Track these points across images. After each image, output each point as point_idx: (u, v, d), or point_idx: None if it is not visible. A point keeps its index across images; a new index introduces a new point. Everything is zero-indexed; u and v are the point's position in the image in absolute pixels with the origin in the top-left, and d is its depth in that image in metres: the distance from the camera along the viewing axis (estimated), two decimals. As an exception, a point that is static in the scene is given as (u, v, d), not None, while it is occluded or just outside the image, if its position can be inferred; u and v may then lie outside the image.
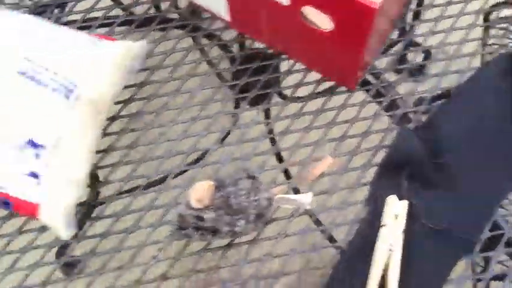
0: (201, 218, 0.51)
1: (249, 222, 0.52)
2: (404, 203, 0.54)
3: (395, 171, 0.57)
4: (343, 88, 0.65)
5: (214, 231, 0.51)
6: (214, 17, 0.69)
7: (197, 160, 0.67)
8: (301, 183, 0.58)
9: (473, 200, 0.56)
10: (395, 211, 0.54)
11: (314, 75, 0.65)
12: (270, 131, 0.79)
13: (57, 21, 0.69)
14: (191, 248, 0.55)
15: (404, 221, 0.54)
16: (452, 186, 0.56)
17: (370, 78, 0.67)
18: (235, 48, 0.70)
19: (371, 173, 0.59)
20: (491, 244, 0.56)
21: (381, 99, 0.65)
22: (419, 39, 0.69)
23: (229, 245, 0.55)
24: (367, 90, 0.66)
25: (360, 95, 0.65)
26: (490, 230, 0.55)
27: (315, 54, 0.64)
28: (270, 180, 0.58)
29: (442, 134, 0.58)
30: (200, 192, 0.52)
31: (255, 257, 0.55)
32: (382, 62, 0.68)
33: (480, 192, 0.56)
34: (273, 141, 0.70)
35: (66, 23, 0.69)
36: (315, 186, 0.58)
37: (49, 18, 0.68)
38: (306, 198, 0.55)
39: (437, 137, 0.59)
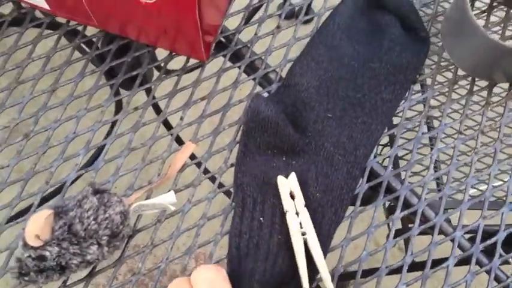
0: (42, 258, 0.43)
1: (102, 246, 0.44)
2: (293, 177, 0.49)
3: (257, 148, 0.51)
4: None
5: (62, 268, 0.44)
6: (35, 8, 0.58)
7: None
8: (164, 181, 0.51)
9: (344, 152, 0.51)
10: (288, 190, 0.48)
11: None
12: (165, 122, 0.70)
13: None
14: (47, 289, 0.47)
15: (302, 196, 0.48)
16: (318, 146, 0.51)
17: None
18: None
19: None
20: (373, 193, 0.52)
21: (239, 64, 0.58)
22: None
23: (91, 275, 0.47)
24: (224, 57, 0.59)
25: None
26: (368, 180, 0.52)
27: (151, 30, 0.55)
28: (128, 186, 0.51)
29: (298, 89, 0.53)
30: (37, 225, 0.44)
31: (123, 279, 0.48)
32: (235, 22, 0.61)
33: (349, 142, 0.52)
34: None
35: None
36: (179, 181, 0.52)
37: None
38: (168, 198, 0.48)
39: (295, 94, 0.53)
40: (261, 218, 0.47)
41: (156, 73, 0.60)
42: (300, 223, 0.46)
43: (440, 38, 0.60)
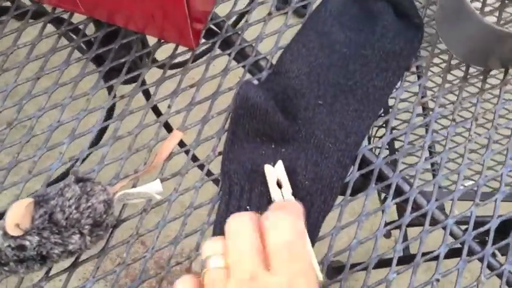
0: (22, 247, 0.42)
1: (85, 235, 0.43)
2: (280, 165, 0.47)
3: (245, 135, 0.50)
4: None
5: (43, 258, 0.42)
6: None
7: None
8: (150, 170, 0.50)
9: (335, 140, 0.50)
10: (275, 179, 0.47)
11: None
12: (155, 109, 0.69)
13: None
14: (29, 281, 0.46)
15: (289, 185, 0.46)
16: (308, 133, 0.50)
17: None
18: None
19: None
20: (364, 181, 0.51)
21: (229, 51, 0.57)
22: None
23: (74, 265, 0.46)
24: (213, 44, 0.58)
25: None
26: (360, 168, 0.51)
27: (138, 17, 0.54)
28: (114, 175, 0.49)
29: (288, 76, 0.52)
30: (18, 214, 0.43)
31: (107, 270, 0.46)
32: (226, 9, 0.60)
33: (340, 130, 0.50)
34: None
35: None
36: (166, 170, 0.50)
37: None
38: (154, 187, 0.47)
39: (285, 81, 0.52)
40: (248, 207, 0.46)
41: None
42: None
43: (434, 25, 0.59)
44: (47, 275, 0.46)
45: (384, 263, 0.49)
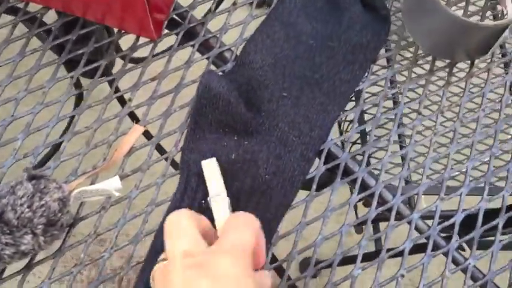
0: (-30, 248, 0.40)
1: (38, 235, 0.41)
2: (213, 162, 0.45)
3: (208, 125, 0.48)
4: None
5: (-7, 259, 0.40)
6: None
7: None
8: (109, 166, 0.48)
9: (299, 133, 0.49)
10: (213, 174, 0.45)
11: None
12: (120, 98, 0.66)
13: None
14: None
15: (222, 183, 0.45)
16: (272, 126, 0.49)
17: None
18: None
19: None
20: (330, 176, 0.50)
21: (193, 43, 0.55)
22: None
23: (28, 267, 0.44)
24: (176, 35, 0.56)
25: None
26: (325, 162, 0.50)
27: (94, 5, 0.52)
28: (71, 172, 0.48)
29: (252, 67, 0.50)
30: (-33, 214, 0.40)
31: (63, 271, 0.45)
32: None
33: (304, 123, 0.49)
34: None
35: None
36: (126, 166, 0.49)
37: None
38: (113, 183, 0.45)
39: (249, 72, 0.50)
40: (203, 201, 0.45)
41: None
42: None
43: (401, 16, 0.58)
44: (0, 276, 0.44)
45: (352, 259, 0.48)
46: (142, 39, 0.55)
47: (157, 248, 0.44)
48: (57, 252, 0.45)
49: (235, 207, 0.45)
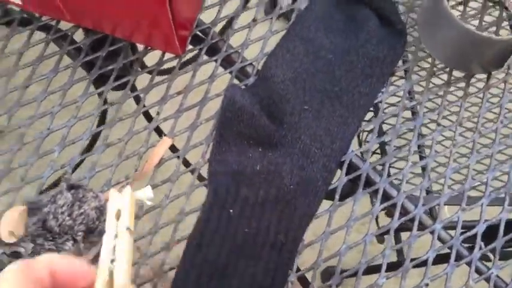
0: (17, 254, 0.42)
1: (78, 242, 0.44)
2: (128, 191, 0.36)
3: (233, 137, 0.50)
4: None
5: (36, 266, 0.43)
6: (7, 2, 0.57)
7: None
8: (141, 177, 0.50)
9: (321, 145, 0.51)
10: (117, 207, 0.35)
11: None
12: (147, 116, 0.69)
13: None
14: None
15: (128, 217, 0.35)
16: (294, 138, 0.51)
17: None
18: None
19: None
20: (352, 186, 0.52)
21: (215, 58, 0.57)
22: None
23: (66, 272, 0.47)
24: (200, 50, 0.58)
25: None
26: (347, 173, 0.51)
27: (124, 24, 0.55)
28: (105, 182, 0.50)
29: (274, 81, 0.52)
30: (11, 222, 0.43)
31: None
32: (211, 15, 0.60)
33: (326, 135, 0.51)
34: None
35: None
36: (156, 177, 0.51)
37: None
38: (145, 193, 0.48)
39: (270, 86, 0.52)
40: (231, 210, 0.47)
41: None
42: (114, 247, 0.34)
43: (417, 29, 0.60)
44: (39, 282, 0.46)
45: (375, 268, 0.49)
46: (166, 55, 0.57)
47: None
48: (94, 259, 0.47)
49: (261, 217, 0.47)
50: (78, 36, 0.59)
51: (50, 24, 0.58)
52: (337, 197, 0.50)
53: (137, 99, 0.71)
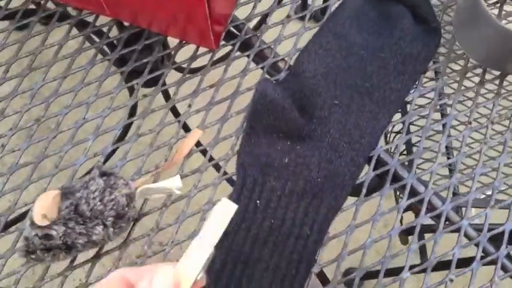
0: (49, 236, 0.43)
1: (108, 226, 0.45)
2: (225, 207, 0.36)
3: (263, 130, 0.51)
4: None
5: (69, 247, 0.44)
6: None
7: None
8: (170, 166, 0.51)
9: (349, 140, 0.51)
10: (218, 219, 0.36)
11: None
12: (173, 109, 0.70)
13: None
14: (54, 270, 0.48)
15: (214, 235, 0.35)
16: (323, 132, 0.51)
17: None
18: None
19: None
20: (379, 182, 0.52)
21: (248, 53, 0.58)
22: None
23: (97, 256, 0.48)
24: (233, 46, 0.59)
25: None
26: (376, 168, 0.51)
27: (161, 18, 0.56)
28: (135, 171, 0.51)
29: (305, 76, 0.53)
30: (45, 205, 0.45)
31: (128, 262, 0.48)
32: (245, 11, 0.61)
33: (355, 130, 0.51)
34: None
35: None
36: (185, 167, 0.52)
37: None
38: (174, 183, 0.49)
39: (302, 80, 0.53)
40: (258, 201, 0.47)
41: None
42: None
43: (451, 30, 0.60)
44: (71, 264, 0.48)
45: (399, 270, 0.49)
46: (200, 50, 0.59)
47: None
48: (122, 244, 0.48)
49: (287, 208, 0.47)
50: (112, 33, 0.60)
51: (87, 20, 0.60)
52: (364, 191, 0.50)
53: (165, 95, 0.73)
